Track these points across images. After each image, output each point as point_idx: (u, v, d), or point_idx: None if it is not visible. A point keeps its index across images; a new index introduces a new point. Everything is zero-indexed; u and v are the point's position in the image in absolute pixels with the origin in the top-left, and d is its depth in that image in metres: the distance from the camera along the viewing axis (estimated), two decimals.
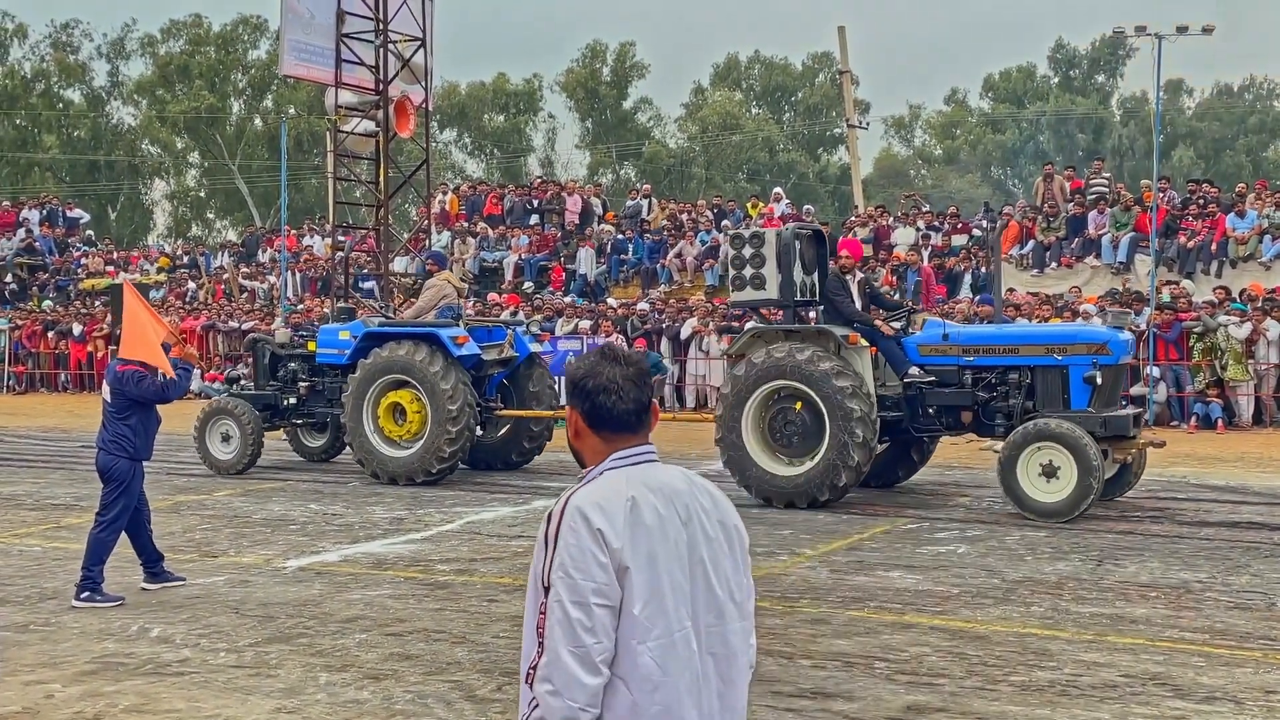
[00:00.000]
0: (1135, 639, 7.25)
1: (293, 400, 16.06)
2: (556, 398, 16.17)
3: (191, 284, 33.05)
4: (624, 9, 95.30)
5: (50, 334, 30.45)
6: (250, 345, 17.51)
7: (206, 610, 8.26)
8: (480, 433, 15.28)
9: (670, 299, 25.68)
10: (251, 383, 16.93)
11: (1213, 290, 20.99)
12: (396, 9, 19.27)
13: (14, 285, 34.85)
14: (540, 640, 2.68)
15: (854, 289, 12.83)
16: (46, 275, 35.34)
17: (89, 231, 40.59)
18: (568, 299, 26.78)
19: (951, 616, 7.83)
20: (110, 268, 35.02)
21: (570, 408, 2.90)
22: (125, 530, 8.90)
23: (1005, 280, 23.86)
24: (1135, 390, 19.52)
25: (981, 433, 12.69)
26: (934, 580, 8.88)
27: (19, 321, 31.08)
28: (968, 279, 24.33)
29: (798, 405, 12.30)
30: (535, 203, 31.85)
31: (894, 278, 24.17)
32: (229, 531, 11.29)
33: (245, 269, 33.10)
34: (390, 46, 19.24)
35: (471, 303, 25.16)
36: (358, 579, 9.08)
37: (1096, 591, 8.49)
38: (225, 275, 32.76)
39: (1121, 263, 23.30)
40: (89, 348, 29.50)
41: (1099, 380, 11.70)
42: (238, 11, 63.64)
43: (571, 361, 2.94)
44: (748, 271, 12.83)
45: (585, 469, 2.92)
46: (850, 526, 11.26)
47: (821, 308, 13.07)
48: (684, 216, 29.96)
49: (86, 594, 8.52)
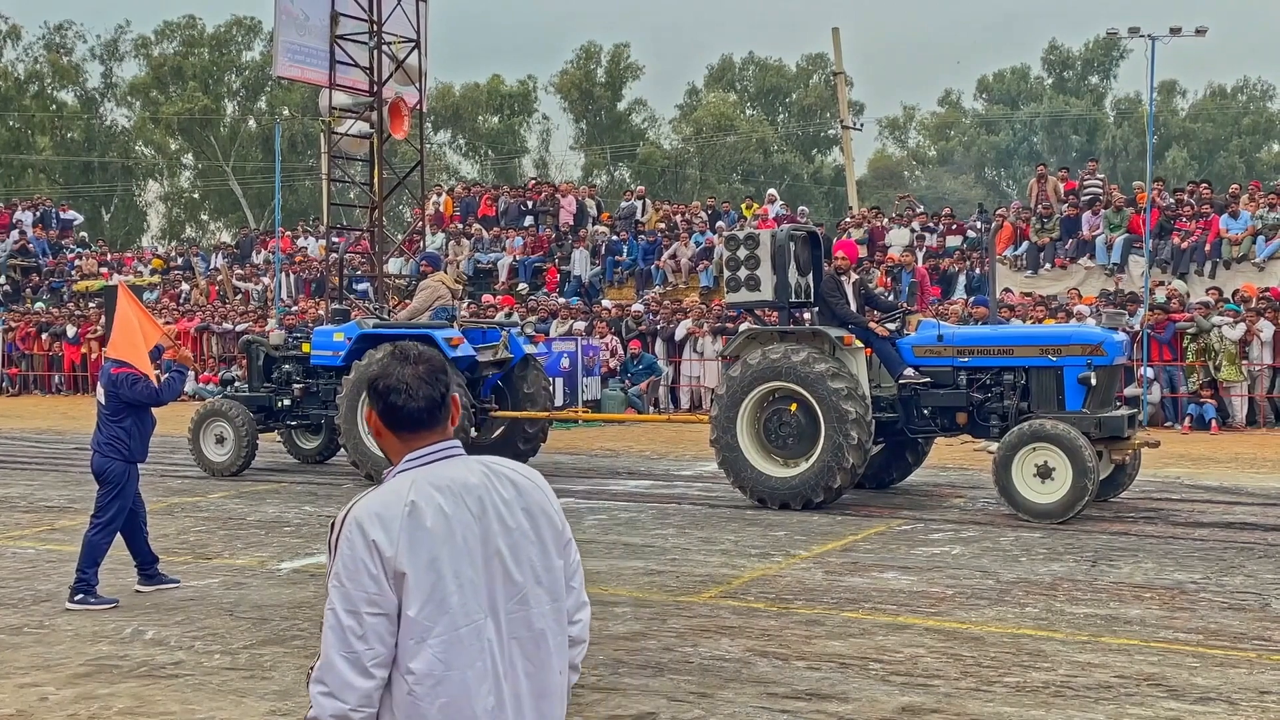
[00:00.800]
0: (1130, 640, 7.26)
1: (287, 402, 16.06)
2: (551, 399, 16.14)
3: (185, 285, 33.01)
4: (618, 10, 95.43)
5: (44, 336, 30.40)
6: (244, 347, 17.50)
7: (201, 612, 8.25)
8: (475, 434, 15.27)
9: (665, 300, 25.69)
10: (246, 384, 16.91)
11: (1206, 291, 21.03)
12: (390, 10, 19.26)
13: (7, 287, 34.79)
14: (322, 645, 2.82)
15: (849, 290, 12.84)
16: (40, 277, 35.28)
17: (83, 233, 40.55)
18: (562, 300, 26.78)
19: (946, 617, 7.83)
20: (104, 269, 34.96)
21: (368, 409, 3.00)
22: (121, 532, 8.90)
23: (1000, 281, 23.90)
24: (1129, 391, 19.58)
25: (976, 434, 12.70)
26: (928, 581, 8.89)
27: (12, 323, 31.03)
28: (962, 280, 24.37)
29: (793, 407, 12.31)
30: (530, 204, 31.84)
31: (889, 279, 24.19)
32: (223, 533, 11.28)
33: (239, 271, 33.06)
34: (384, 48, 19.23)
35: (466, 304, 25.16)
36: None
37: (1091, 592, 8.50)
38: (219, 277, 32.72)
39: (1115, 264, 23.34)
40: (83, 349, 29.47)
41: (1094, 381, 11.71)
42: (231, 13, 63.47)
43: (365, 364, 3.01)
44: (743, 273, 12.84)
45: (387, 469, 3.02)
46: (845, 527, 11.27)
47: (816, 309, 13.08)
48: (678, 218, 29.97)
49: (80, 596, 8.51)
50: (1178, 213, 23.81)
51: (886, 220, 27.77)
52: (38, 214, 37.56)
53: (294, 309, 27.11)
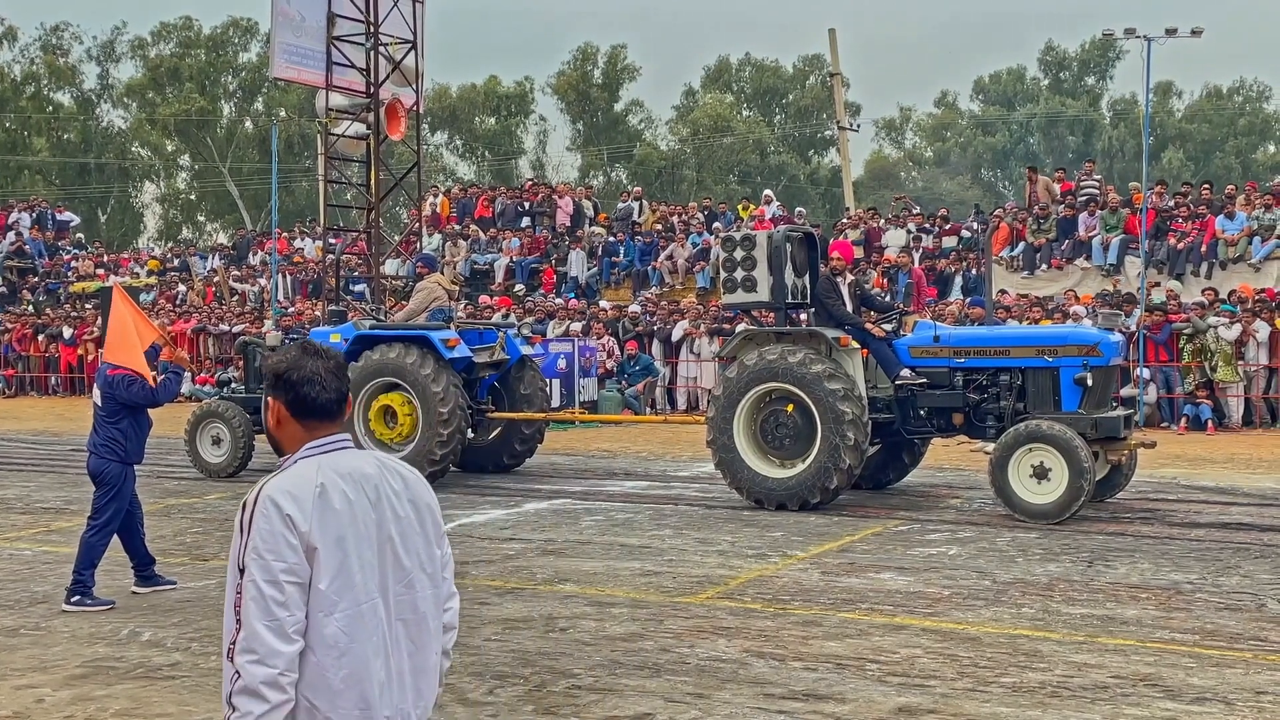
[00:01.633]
0: (1126, 640, 7.27)
1: None
2: (548, 400, 16.13)
3: (182, 287, 32.99)
4: (615, 12, 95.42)
5: (40, 337, 30.37)
6: (241, 348, 17.47)
7: (198, 614, 8.24)
8: (472, 435, 15.26)
9: (661, 301, 25.69)
10: (242, 386, 16.90)
11: (1202, 292, 21.06)
12: (387, 11, 19.23)
13: (4, 289, 34.76)
14: (239, 618, 2.95)
15: (845, 291, 12.84)
16: (36, 278, 35.25)
17: (79, 234, 40.51)
18: (559, 301, 26.78)
19: (943, 618, 7.84)
20: (100, 271, 34.93)
21: (271, 398, 3.16)
22: (118, 533, 8.89)
23: (996, 282, 23.92)
24: (1125, 392, 19.61)
25: (973, 434, 12.70)
26: (925, 582, 8.89)
27: (9, 324, 31.00)
28: (959, 281, 24.38)
29: (789, 407, 12.31)
30: (526, 205, 31.84)
31: (885, 280, 24.20)
32: (220, 535, 11.27)
33: (236, 272, 33.05)
34: (381, 49, 19.20)
35: (463, 305, 25.16)
36: None
37: (1087, 593, 8.51)
38: (216, 278, 32.71)
39: (1112, 264, 23.37)
40: (79, 351, 29.44)
41: (1090, 382, 11.72)
42: (228, 14, 63.46)
43: (270, 356, 3.14)
44: (739, 274, 12.84)
45: (282, 457, 3.18)
46: (841, 528, 11.27)
47: (813, 310, 13.08)
48: (675, 219, 30.00)
49: (77, 598, 8.50)
50: (1174, 213, 23.83)
51: (883, 221, 27.80)
52: (34, 215, 37.52)
53: (291, 310, 27.09)
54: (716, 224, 28.45)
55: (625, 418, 20.81)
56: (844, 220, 29.43)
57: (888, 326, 12.75)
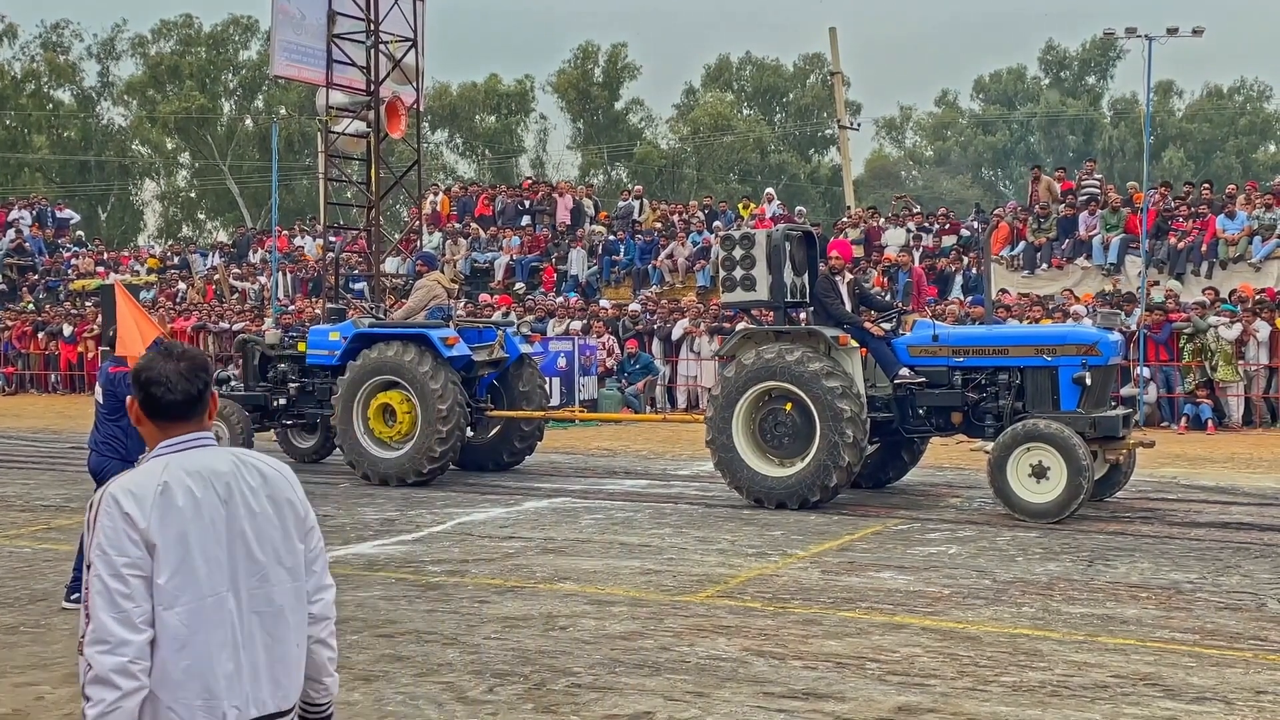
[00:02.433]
0: (1126, 639, 7.27)
1: (282, 401, 16.04)
2: (547, 398, 16.14)
3: (181, 285, 32.99)
4: (616, 10, 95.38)
5: (40, 335, 30.38)
6: (240, 346, 17.47)
7: None
8: (471, 434, 15.26)
9: (661, 300, 25.69)
10: (241, 383, 16.89)
11: (1202, 291, 21.05)
12: (387, 9, 19.24)
13: (4, 286, 34.76)
14: (88, 613, 3.04)
15: (844, 290, 12.84)
16: (36, 276, 35.25)
17: (79, 232, 40.50)
18: (559, 300, 26.78)
19: (942, 617, 7.84)
20: (100, 268, 34.94)
21: (130, 398, 3.31)
22: None
23: (996, 281, 23.92)
24: (1125, 391, 19.62)
25: (971, 434, 12.70)
26: (925, 581, 8.89)
27: (9, 322, 31.00)
28: (959, 280, 24.37)
29: (788, 406, 12.31)
30: (526, 203, 31.84)
31: (885, 279, 24.19)
32: None
33: (236, 270, 33.04)
34: (381, 47, 19.21)
35: (463, 304, 25.15)
36: (348, 580, 9.07)
37: (1087, 592, 8.51)
38: (216, 276, 32.70)
39: (1112, 264, 23.36)
40: (79, 349, 29.44)
41: (1089, 381, 11.71)
42: (228, 12, 63.59)
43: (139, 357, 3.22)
44: (738, 272, 12.83)
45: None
46: (841, 527, 11.27)
47: (811, 309, 13.08)
48: (675, 217, 29.98)
49: (77, 595, 8.50)
50: (1174, 213, 23.83)
51: (883, 220, 27.79)
52: (34, 213, 37.53)
53: (291, 308, 27.10)
54: (717, 223, 28.44)
55: (624, 416, 20.81)
56: (844, 219, 29.42)
57: (886, 325, 12.74)
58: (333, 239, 21.80)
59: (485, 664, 6.87)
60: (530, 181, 36.14)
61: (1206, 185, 25.69)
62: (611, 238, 29.44)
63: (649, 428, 20.68)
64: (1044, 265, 24.25)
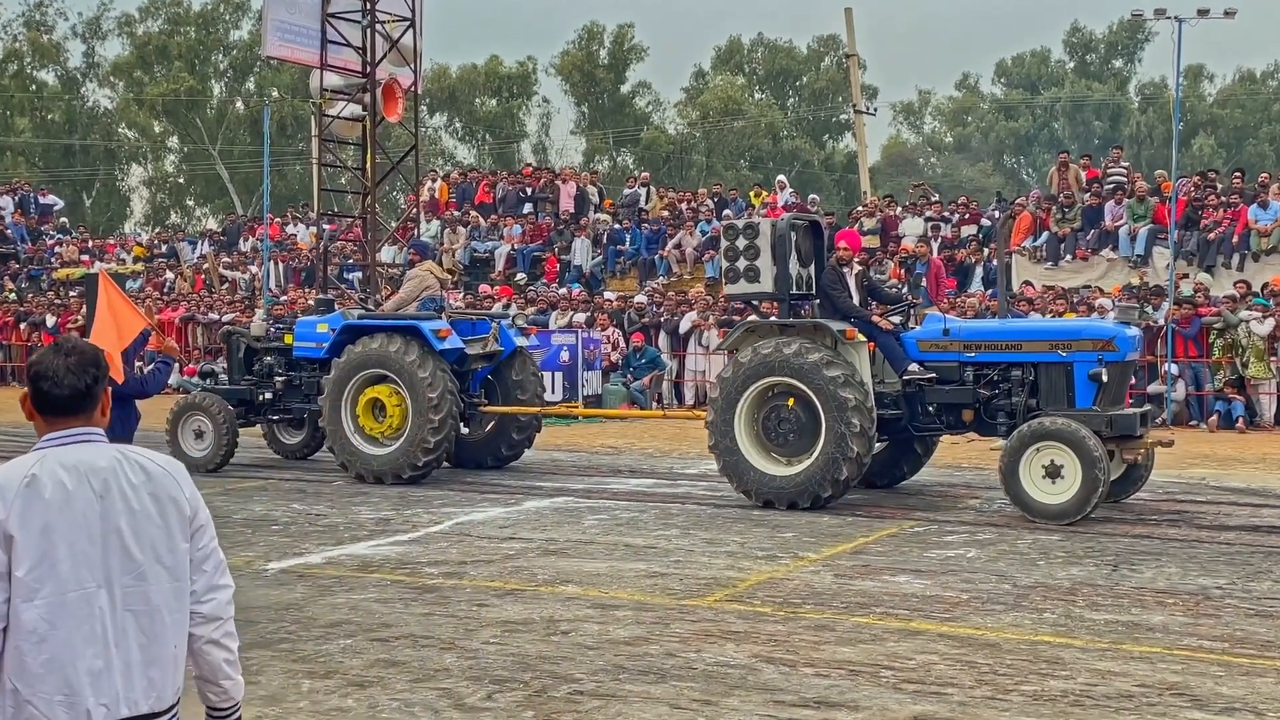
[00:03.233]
0: (1152, 647, 7.27)
1: (268, 395, 16.03)
2: (543, 394, 16.15)
3: (170, 274, 33.04)
4: None
5: (22, 325, 30.44)
6: (225, 338, 17.48)
7: None
8: (465, 430, 15.25)
9: (669, 291, 25.69)
10: (226, 377, 16.89)
11: (1233, 285, 21.01)
12: None
13: None
14: None
15: (851, 282, 12.81)
16: (18, 264, 35.31)
17: (63, 219, 40.59)
18: (562, 291, 26.79)
19: (960, 623, 7.84)
20: (85, 256, 35.00)
21: (24, 392, 3.43)
22: None
23: (1020, 273, 23.91)
24: (1153, 388, 19.60)
25: (983, 432, 12.68)
26: (942, 585, 8.89)
27: None
28: (979, 272, 24.33)
29: (790, 401, 12.29)
30: (528, 191, 31.84)
31: (902, 270, 24.17)
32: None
33: (226, 259, 33.08)
34: (378, 27, 19.24)
35: (462, 295, 25.17)
36: (342, 582, 9.08)
37: (1111, 598, 8.50)
38: (205, 265, 32.75)
39: (1139, 256, 23.30)
40: None
41: (1105, 378, 11.69)
42: None
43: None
44: (741, 263, 12.80)
45: None
46: (855, 529, 11.28)
47: (817, 302, 13.06)
48: (683, 206, 29.96)
49: None
50: (1204, 202, 23.77)
51: (900, 209, 27.75)
52: (16, 199, 37.58)
53: (283, 299, 27.13)
54: (727, 211, 28.42)
55: (622, 411, 20.76)
56: (860, 208, 29.39)
57: (896, 319, 12.72)
58: (327, 227, 21.81)
59: (484, 670, 6.88)
60: (532, 168, 36.15)
61: (1238, 174, 25.62)
62: (617, 227, 29.43)
63: (655, 425, 20.69)
64: (1068, 257, 24.21)
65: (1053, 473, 11.30)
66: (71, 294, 30.87)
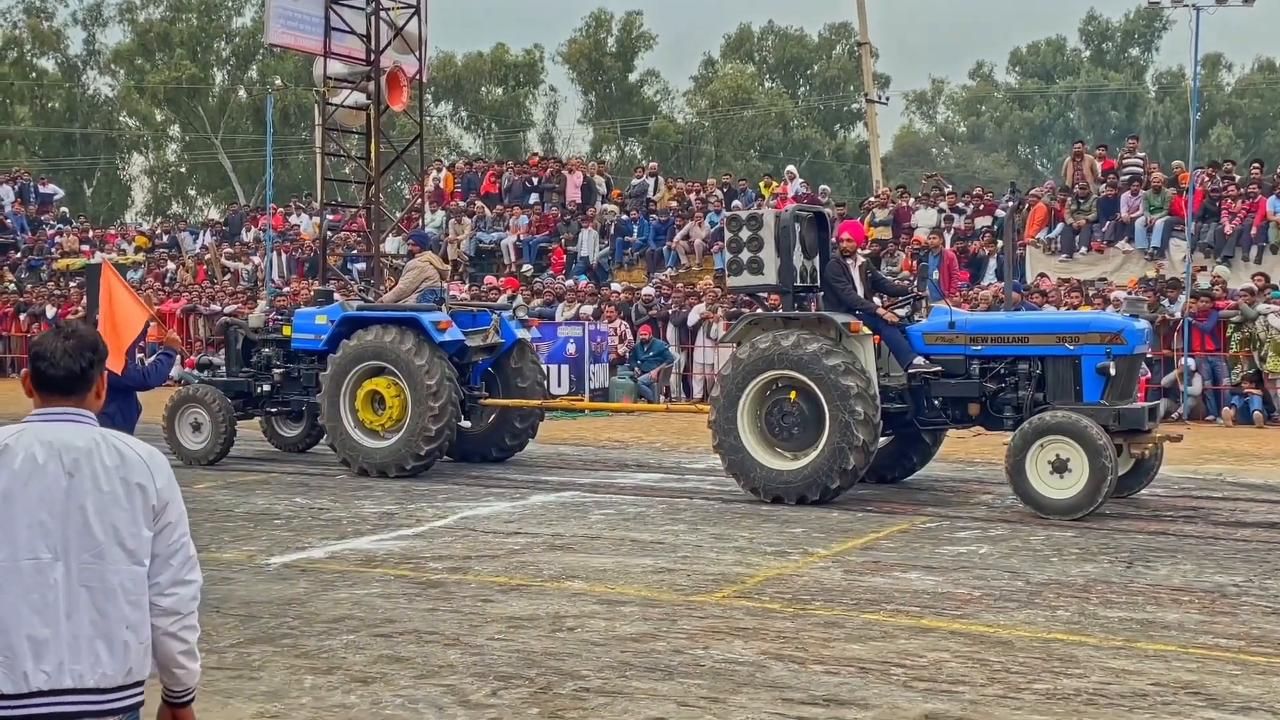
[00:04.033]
0: (1167, 645, 7.26)
1: (266, 388, 16.05)
2: (546, 387, 16.14)
3: (171, 264, 33.09)
4: None
5: (22, 316, 30.50)
6: (223, 329, 17.49)
7: None
8: (467, 424, 15.24)
9: (677, 283, 25.68)
10: (224, 368, 16.91)
11: (1251, 277, 20.96)
12: None
13: None
14: None
15: (855, 274, 12.79)
16: (18, 254, 35.38)
17: (63, 208, 40.71)
18: (569, 282, 26.79)
19: (972, 620, 7.83)
20: (86, 246, 35.07)
21: (24, 371, 3.59)
22: None
23: (1034, 265, 23.89)
24: (1167, 382, 19.57)
25: (990, 426, 12.66)
26: (954, 582, 8.89)
27: None
28: (992, 264, 24.30)
29: (792, 395, 12.28)
30: (535, 181, 31.83)
31: (914, 262, 24.15)
32: (210, 526, 11.31)
33: (228, 249, 33.12)
34: (382, 14, 19.22)
35: (466, 286, 25.20)
36: (345, 577, 9.10)
37: (1126, 595, 8.49)
38: (207, 256, 32.79)
39: (1155, 248, 23.27)
40: None
41: (1112, 371, 11.67)
42: None
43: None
44: (744, 255, 12.77)
45: None
46: (866, 525, 11.27)
47: (822, 294, 13.05)
48: (692, 196, 29.94)
49: None
50: (1222, 194, 23.71)
51: (913, 200, 27.72)
52: (16, 188, 37.67)
53: (286, 290, 27.16)
54: (736, 202, 28.39)
55: (625, 405, 20.72)
56: (872, 199, 29.36)
57: (902, 311, 12.71)
58: (330, 217, 21.83)
59: (488, 666, 6.88)
60: (539, 157, 36.14)
61: (1257, 164, 25.57)
62: (624, 217, 29.42)
63: (662, 419, 20.68)
64: (1083, 249, 24.17)
65: (1059, 467, 11.29)
66: (72, 284, 30.94)
